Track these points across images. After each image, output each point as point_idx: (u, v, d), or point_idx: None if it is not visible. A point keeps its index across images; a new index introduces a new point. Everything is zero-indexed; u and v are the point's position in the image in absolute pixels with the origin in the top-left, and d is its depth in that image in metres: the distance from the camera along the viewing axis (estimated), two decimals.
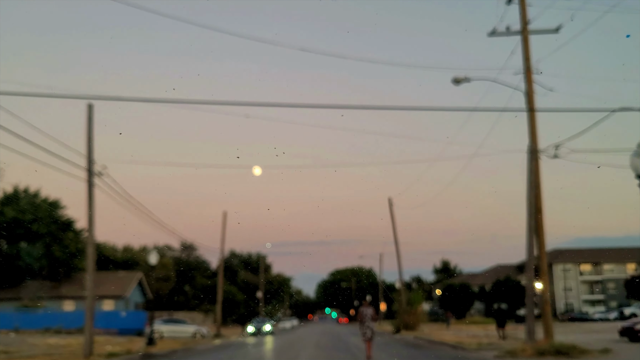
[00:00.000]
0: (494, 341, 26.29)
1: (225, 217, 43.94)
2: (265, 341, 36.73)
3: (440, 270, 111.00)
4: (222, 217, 44.15)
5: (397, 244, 43.65)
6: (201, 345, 32.04)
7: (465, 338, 30.06)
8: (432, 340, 29.95)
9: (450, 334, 36.77)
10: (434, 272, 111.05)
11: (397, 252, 43.77)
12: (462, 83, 20.17)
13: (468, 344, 25.02)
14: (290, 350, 27.33)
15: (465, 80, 20.21)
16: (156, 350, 25.96)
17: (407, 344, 29.32)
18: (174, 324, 38.69)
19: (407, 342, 30.83)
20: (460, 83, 20.16)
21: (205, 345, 32.79)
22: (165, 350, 26.06)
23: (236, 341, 38.01)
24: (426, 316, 54.19)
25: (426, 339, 31.46)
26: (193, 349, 28.98)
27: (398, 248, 43.70)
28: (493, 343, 25.25)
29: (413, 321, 42.24)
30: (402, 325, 42.06)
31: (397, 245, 43.63)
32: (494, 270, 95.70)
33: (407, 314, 42.20)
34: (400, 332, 41.48)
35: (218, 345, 32.82)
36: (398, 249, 43.70)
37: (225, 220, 43.86)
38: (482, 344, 25.00)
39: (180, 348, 28.60)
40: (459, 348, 24.12)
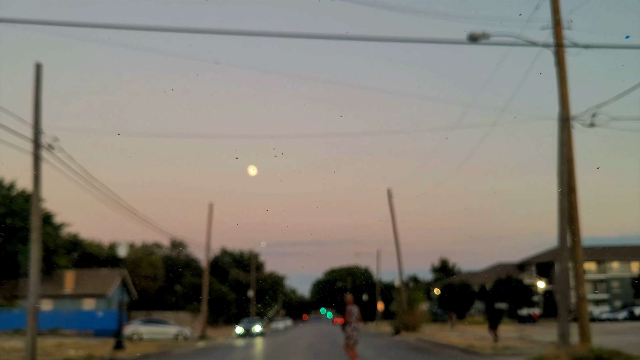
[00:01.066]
0: (509, 344, 23.15)
1: (212, 210, 40.74)
2: (253, 343, 33.53)
3: (439, 269, 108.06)
4: (208, 209, 40.91)
5: (397, 237, 40.57)
6: (181, 349, 28.79)
7: (473, 340, 26.92)
8: (438, 343, 26.79)
9: (455, 335, 33.64)
10: (432, 271, 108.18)
11: (397, 246, 40.67)
12: (480, 40, 17.00)
13: (480, 348, 21.88)
14: (277, 355, 24.13)
15: (484, 37, 17.03)
16: (124, 355, 22.68)
17: (411, 347, 26.13)
18: (154, 325, 35.40)
19: (410, 345, 27.63)
20: (478, 40, 16.98)
21: (186, 348, 29.55)
22: (134, 356, 22.76)
23: (222, 343, 34.78)
24: (428, 316, 50.98)
25: (430, 341, 28.29)
26: (169, 353, 25.71)
27: (398, 241, 40.62)
28: (510, 347, 22.13)
29: (414, 321, 39.13)
30: (402, 326, 38.95)
31: (396, 239, 40.54)
32: (494, 269, 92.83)
33: (408, 313, 39.07)
34: (400, 333, 38.35)
35: (200, 349, 29.59)
36: (398, 242, 40.62)
37: (211, 213, 40.67)
38: (497, 348, 21.87)
39: (155, 352, 25.31)
40: (472, 352, 20.97)
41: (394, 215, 40.33)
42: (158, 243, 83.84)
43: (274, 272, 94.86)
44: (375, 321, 78.88)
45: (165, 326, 35.46)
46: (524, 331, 39.37)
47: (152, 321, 36.34)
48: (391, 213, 40.28)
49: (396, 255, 40.74)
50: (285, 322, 77.20)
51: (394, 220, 40.14)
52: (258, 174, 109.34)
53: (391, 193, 40.69)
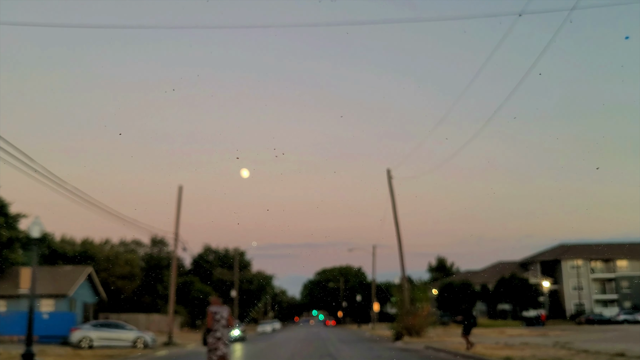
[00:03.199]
0: (561, 355, 17.36)
1: (181, 192, 34.76)
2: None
3: (436, 269, 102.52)
4: (177, 191, 34.92)
5: (397, 222, 34.80)
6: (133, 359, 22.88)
7: (507, 350, 21.10)
8: (458, 353, 20.95)
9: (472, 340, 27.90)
10: (429, 270, 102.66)
11: (398, 232, 34.85)
12: None
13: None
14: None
15: None
16: None
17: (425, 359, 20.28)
18: (108, 329, 29.35)
19: (423, 356, 21.71)
20: None
21: (141, 358, 23.63)
22: None
23: (190, 351, 28.86)
24: (435, 318, 45.24)
25: (447, 351, 22.43)
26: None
27: (398, 226, 34.84)
28: (561, 358, 16.40)
29: (418, 325, 33.38)
30: (404, 330, 33.21)
31: (397, 223, 34.76)
32: (495, 268, 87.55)
33: (412, 315, 33.30)
34: (403, 338, 32.61)
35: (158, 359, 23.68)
36: (398, 227, 34.83)
37: (180, 196, 34.69)
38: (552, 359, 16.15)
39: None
40: None
41: (394, 197, 34.63)
42: (138, 240, 77.88)
43: (262, 272, 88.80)
44: (371, 323, 73.20)
45: (121, 331, 29.41)
46: (547, 335, 33.72)
47: (106, 325, 30.31)
48: (391, 196, 34.61)
49: (398, 248, 34.99)
50: (273, 325, 71.19)
51: (393, 204, 34.42)
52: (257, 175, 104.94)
53: (391, 174, 34.94)
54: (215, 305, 12.23)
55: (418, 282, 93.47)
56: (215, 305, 12.20)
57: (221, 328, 11.89)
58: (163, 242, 78.90)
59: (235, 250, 78.61)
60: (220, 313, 12.00)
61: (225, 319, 12.02)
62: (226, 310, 12.13)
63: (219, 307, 12.16)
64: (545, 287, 77.06)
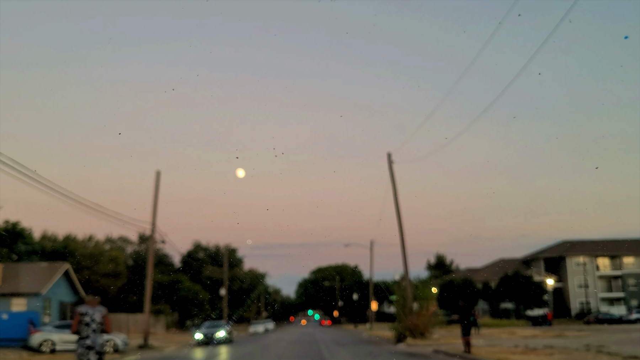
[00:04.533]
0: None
1: (159, 177, 31.29)
2: (210, 354, 24.36)
3: (435, 267, 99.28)
4: (154, 177, 31.45)
5: (399, 210, 31.46)
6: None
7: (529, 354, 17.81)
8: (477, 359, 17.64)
9: (482, 343, 24.65)
10: (428, 268, 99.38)
11: (399, 222, 31.50)
12: None
13: None
14: None
15: None
16: None
17: None
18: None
19: None
20: None
21: None
22: None
23: (166, 356, 25.46)
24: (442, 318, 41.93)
25: (461, 356, 19.10)
26: None
27: (400, 218, 31.49)
28: None
29: (423, 325, 30.08)
30: (407, 331, 29.89)
31: (398, 214, 31.40)
32: (497, 265, 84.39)
33: (416, 315, 29.97)
34: (406, 340, 29.29)
35: None
36: (400, 218, 31.48)
37: (158, 181, 31.22)
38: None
39: None
40: None
41: (395, 183, 31.30)
42: (125, 237, 74.41)
43: (254, 269, 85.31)
44: (368, 323, 69.88)
45: None
46: (565, 336, 30.47)
47: (70, 326, 26.82)
48: (392, 180, 31.23)
49: (399, 239, 31.65)
50: (266, 325, 67.77)
51: (395, 190, 31.07)
52: (257, 175, 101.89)
53: (391, 158, 31.58)
54: (90, 304, 9.54)
55: (416, 280, 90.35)
56: (86, 306, 9.48)
57: (92, 334, 9.22)
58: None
59: (225, 247, 75.08)
60: (92, 315, 9.32)
61: (98, 323, 9.36)
62: (100, 312, 9.48)
63: (91, 307, 9.45)
64: (550, 285, 73.93)
